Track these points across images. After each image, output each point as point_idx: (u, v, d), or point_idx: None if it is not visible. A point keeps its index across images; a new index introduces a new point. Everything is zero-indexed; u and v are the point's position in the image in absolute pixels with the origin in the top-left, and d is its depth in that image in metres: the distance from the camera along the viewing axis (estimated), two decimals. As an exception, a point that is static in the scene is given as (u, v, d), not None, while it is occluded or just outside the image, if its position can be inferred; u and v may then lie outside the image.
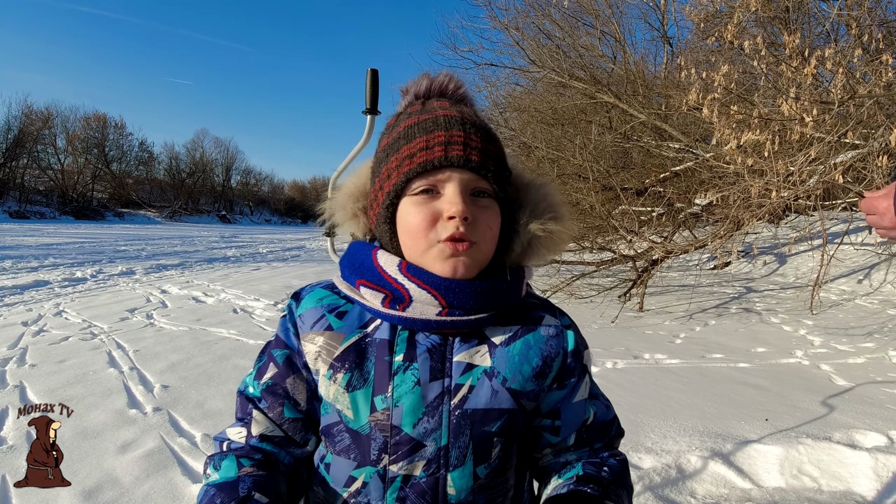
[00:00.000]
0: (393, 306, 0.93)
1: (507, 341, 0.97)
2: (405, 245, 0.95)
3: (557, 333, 1.02)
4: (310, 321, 0.99)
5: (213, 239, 26.91)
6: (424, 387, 0.92)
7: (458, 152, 0.91)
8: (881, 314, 7.18)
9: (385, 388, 0.93)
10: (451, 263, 0.90)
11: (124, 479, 2.81)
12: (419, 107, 1.00)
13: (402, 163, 0.92)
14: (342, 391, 0.94)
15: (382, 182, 0.96)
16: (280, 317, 1.06)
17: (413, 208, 0.92)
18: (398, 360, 0.93)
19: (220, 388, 4.19)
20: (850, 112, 5.24)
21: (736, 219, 6.25)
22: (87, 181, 59.77)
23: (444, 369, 0.94)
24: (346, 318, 0.98)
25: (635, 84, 11.68)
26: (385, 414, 0.92)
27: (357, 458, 0.94)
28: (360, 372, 0.94)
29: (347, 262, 1.00)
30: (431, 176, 0.91)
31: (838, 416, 3.79)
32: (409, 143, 0.93)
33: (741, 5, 6.04)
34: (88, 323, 6.32)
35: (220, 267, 13.37)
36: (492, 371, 0.95)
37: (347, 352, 0.95)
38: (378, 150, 1.02)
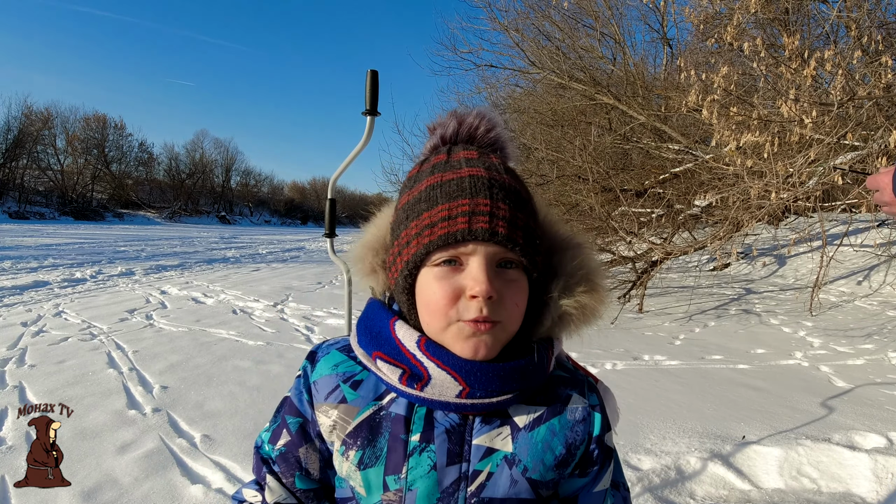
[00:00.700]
0: (411, 384, 0.86)
1: (531, 425, 0.90)
2: (424, 320, 0.88)
3: (584, 417, 0.95)
4: (324, 391, 0.93)
5: (212, 240, 26.91)
6: (441, 471, 0.86)
7: (482, 225, 0.82)
8: (881, 316, 7.19)
9: (399, 468, 0.87)
10: (472, 344, 0.83)
11: (123, 480, 2.81)
12: (444, 157, 0.92)
13: (423, 231, 0.84)
14: (354, 469, 0.89)
15: (402, 248, 0.88)
16: (295, 377, 1.01)
17: (434, 282, 0.84)
18: (414, 441, 0.87)
19: (219, 389, 4.18)
20: (850, 114, 5.24)
21: (735, 220, 6.25)
22: (87, 182, 59.78)
23: (461, 453, 0.87)
24: (361, 388, 0.92)
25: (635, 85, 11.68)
26: (397, 496, 0.86)
27: None
28: (373, 449, 0.88)
29: (364, 328, 0.93)
30: (454, 248, 0.83)
31: (837, 417, 3.79)
32: (430, 209, 0.85)
33: (741, 7, 6.04)
34: (88, 323, 6.31)
35: (220, 268, 13.37)
36: (513, 458, 0.88)
37: (360, 427, 0.89)
38: (398, 207, 0.92)
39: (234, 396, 4.06)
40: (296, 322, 6.84)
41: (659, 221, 9.90)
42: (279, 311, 7.60)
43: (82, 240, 21.31)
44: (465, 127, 0.95)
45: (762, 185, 5.49)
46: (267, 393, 4.15)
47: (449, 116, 0.96)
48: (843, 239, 7.86)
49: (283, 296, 8.91)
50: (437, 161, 0.91)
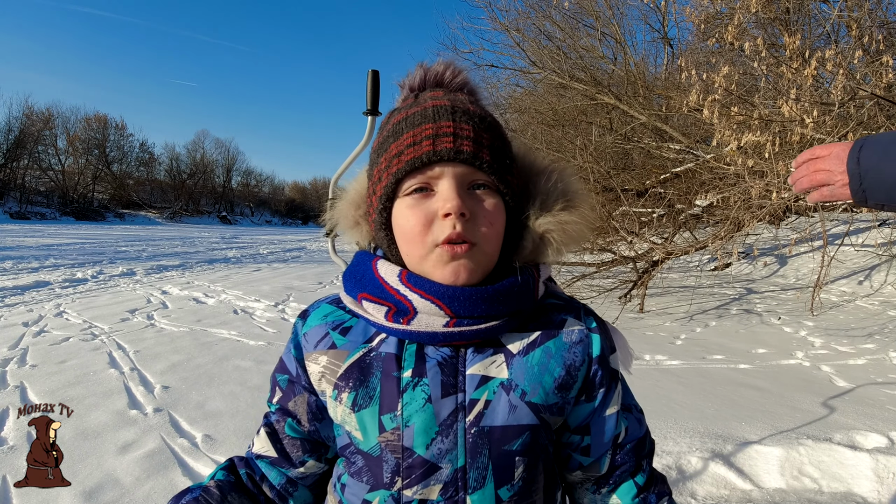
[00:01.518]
0: (397, 319, 0.86)
1: (526, 350, 0.89)
2: (403, 252, 0.88)
3: (582, 339, 0.93)
4: (313, 340, 0.94)
5: (213, 240, 26.92)
6: (436, 404, 0.85)
7: (447, 144, 0.82)
8: (882, 315, 7.18)
9: (394, 406, 0.86)
10: (451, 269, 0.83)
11: (125, 480, 2.81)
12: (411, 100, 0.92)
13: (391, 162, 0.85)
14: (348, 411, 0.88)
15: (374, 185, 0.89)
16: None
17: (406, 210, 0.85)
18: (406, 376, 0.86)
19: (220, 389, 4.19)
20: (851, 113, 5.24)
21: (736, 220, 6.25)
22: (88, 182, 59.81)
23: (456, 384, 0.86)
24: (350, 333, 0.91)
25: (636, 85, 11.68)
26: (395, 434, 0.85)
27: (370, 480, 0.88)
28: (366, 389, 0.87)
29: (350, 274, 0.94)
30: (421, 173, 0.83)
31: (839, 417, 3.78)
32: (397, 140, 0.86)
33: (741, 7, 6.04)
34: (89, 324, 6.32)
35: (221, 268, 13.39)
36: (509, 383, 0.87)
37: (351, 369, 0.89)
38: (371, 153, 0.95)
39: (235, 396, 4.06)
40: (297, 322, 6.83)
41: (660, 221, 9.90)
42: (280, 310, 7.60)
43: (83, 240, 21.33)
44: (430, 74, 0.96)
45: (763, 184, 5.49)
46: (268, 393, 4.15)
47: (416, 68, 0.97)
48: (844, 239, 7.85)
49: (285, 296, 8.92)
50: (404, 105, 0.93)
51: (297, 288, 9.94)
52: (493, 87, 14.51)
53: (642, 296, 8.13)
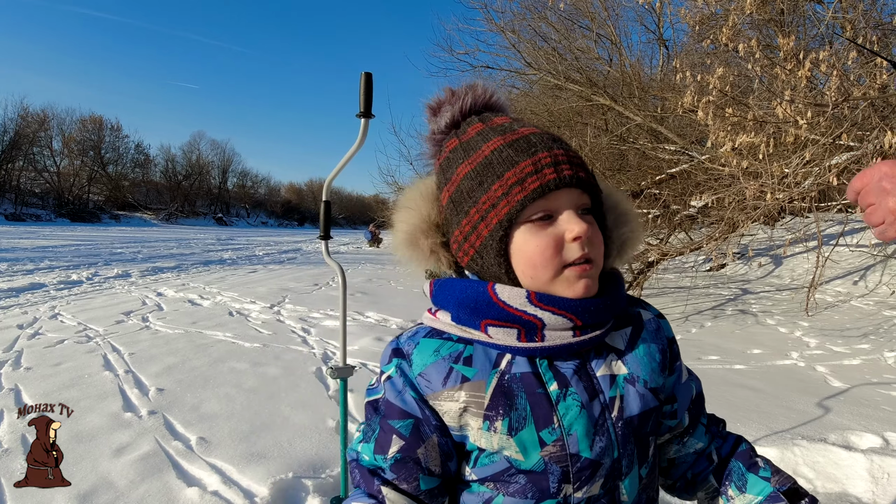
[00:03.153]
0: (530, 338, 0.90)
1: (629, 345, 0.99)
2: (525, 274, 0.90)
3: (658, 325, 1.06)
4: (438, 378, 0.92)
5: (209, 241, 26.90)
6: (588, 408, 0.91)
7: (567, 172, 0.88)
8: (877, 315, 7.20)
9: (550, 420, 0.89)
10: (582, 285, 0.89)
11: (119, 483, 2.80)
12: (481, 126, 0.96)
13: (511, 190, 0.87)
14: (505, 437, 0.89)
15: (483, 213, 0.90)
16: (383, 379, 0.97)
17: (532, 236, 0.88)
18: (554, 390, 0.91)
19: (215, 392, 4.18)
20: (845, 114, 5.25)
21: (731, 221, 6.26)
22: (83, 183, 59.82)
23: (594, 387, 0.93)
24: (475, 362, 0.92)
25: (631, 86, 11.69)
26: (557, 445, 0.89)
27: (535, 494, 0.91)
28: (517, 412, 0.89)
29: (459, 303, 0.93)
30: (545, 200, 0.88)
31: (834, 417, 3.79)
32: (513, 167, 0.88)
33: (736, 8, 6.05)
34: (84, 326, 6.31)
35: (217, 269, 13.37)
36: (631, 377, 0.96)
37: (496, 397, 0.90)
38: (458, 179, 0.94)
39: (230, 398, 4.05)
40: (292, 324, 6.83)
41: (655, 222, 9.92)
42: (276, 312, 7.59)
43: (78, 242, 21.30)
44: (479, 95, 1.00)
45: (757, 185, 5.50)
46: (263, 395, 4.14)
47: (460, 92, 1.00)
48: (839, 239, 7.87)
49: (280, 297, 8.91)
50: (479, 129, 0.95)
51: (293, 289, 9.93)
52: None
53: (638, 296, 8.13)
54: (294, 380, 4.53)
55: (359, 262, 16.95)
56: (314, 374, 4.67)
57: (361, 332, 6.32)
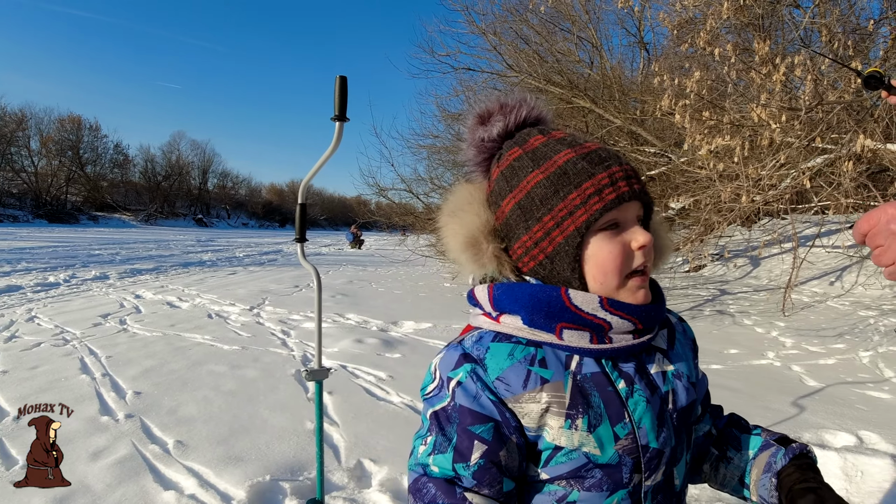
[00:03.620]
0: (601, 341, 0.97)
1: (669, 345, 1.08)
2: (595, 279, 0.97)
3: (684, 329, 1.17)
4: (517, 382, 0.94)
5: (188, 243, 26.69)
6: (652, 402, 0.99)
7: (636, 186, 0.96)
8: (852, 316, 7.29)
9: (621, 415, 0.96)
10: (642, 294, 0.98)
11: (96, 487, 2.78)
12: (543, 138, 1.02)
13: (589, 199, 0.93)
14: (586, 434, 0.94)
15: (559, 220, 0.95)
16: (452, 385, 0.96)
17: (605, 244, 0.95)
18: (623, 388, 0.98)
19: (193, 395, 4.15)
20: (820, 118, 5.33)
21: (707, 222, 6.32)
22: (62, 184, 59.12)
23: (653, 383, 1.01)
24: (549, 364, 0.96)
25: (611, 89, 11.78)
26: (629, 438, 0.96)
27: (609, 486, 0.96)
28: (593, 410, 0.95)
29: (532, 307, 0.97)
30: (617, 210, 0.95)
31: (808, 416, 3.84)
32: (591, 178, 0.94)
33: (714, 13, 6.11)
34: (61, 329, 6.24)
35: (196, 271, 13.27)
36: (678, 373, 1.05)
37: (574, 396, 0.94)
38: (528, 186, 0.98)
39: (208, 401, 4.03)
40: (272, 326, 6.80)
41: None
42: (255, 314, 7.55)
43: (56, 243, 21.04)
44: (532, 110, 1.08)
45: (733, 188, 5.56)
46: (242, 398, 4.12)
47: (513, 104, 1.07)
48: (816, 240, 7.98)
49: (260, 299, 8.87)
50: (542, 140, 1.02)
51: (274, 291, 9.88)
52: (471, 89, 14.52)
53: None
54: (273, 382, 4.51)
55: (340, 264, 16.90)
56: (293, 377, 4.66)
57: (341, 334, 6.30)
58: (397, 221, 16.36)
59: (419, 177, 16.05)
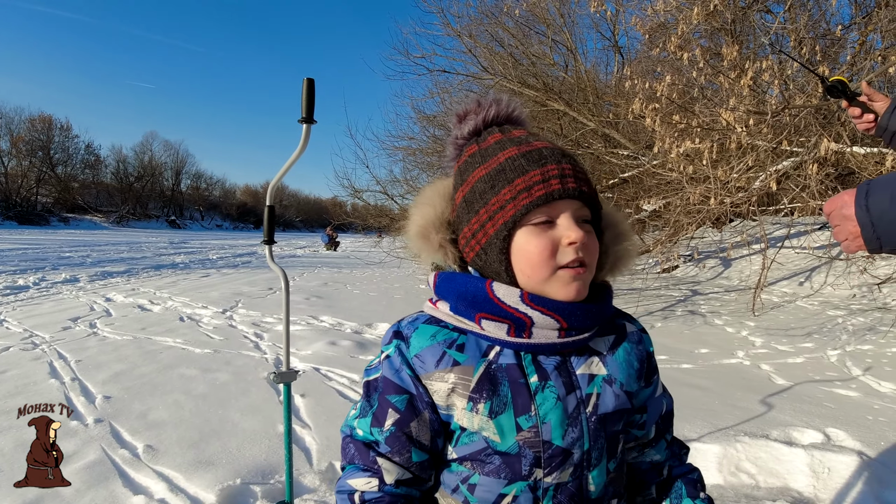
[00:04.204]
0: (518, 334, 0.98)
1: (611, 350, 1.08)
2: (524, 273, 0.99)
3: (640, 339, 1.15)
4: (431, 360, 1.01)
5: (161, 245, 26.41)
6: (564, 401, 0.99)
7: (571, 185, 0.97)
8: (821, 315, 7.42)
9: (528, 408, 0.98)
10: (573, 288, 0.97)
11: (64, 492, 2.74)
12: (500, 136, 1.05)
13: (519, 195, 0.96)
14: (486, 419, 0.97)
15: (492, 213, 0.99)
16: (382, 358, 1.06)
17: (533, 238, 0.97)
18: (534, 381, 0.99)
19: (164, 399, 4.11)
20: (787, 121, 5.41)
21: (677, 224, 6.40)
22: (32, 185, 58.20)
23: (572, 383, 1.01)
24: (466, 350, 1.01)
25: (586, 92, 11.87)
26: (532, 432, 0.97)
27: (508, 475, 0.99)
28: (499, 398, 0.98)
29: (458, 295, 1.02)
30: (548, 207, 0.97)
31: (776, 414, 3.90)
32: (522, 175, 0.97)
33: (685, 17, 6.19)
34: (30, 332, 6.14)
35: (169, 274, 13.13)
36: (609, 378, 1.05)
37: (481, 381, 0.98)
38: (473, 181, 1.03)
39: (179, 405, 3.99)
40: (245, 329, 6.75)
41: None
42: (228, 317, 7.49)
43: (26, 245, 20.71)
44: (502, 108, 1.10)
45: (702, 190, 5.63)
46: (213, 401, 4.09)
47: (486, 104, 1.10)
48: (785, 241, 8.10)
49: (233, 302, 8.80)
50: (497, 139, 1.05)
51: (247, 294, 9.80)
52: (446, 91, 14.56)
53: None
54: (245, 385, 4.48)
55: (315, 266, 16.82)
56: (265, 380, 4.63)
57: (315, 336, 6.28)
58: (373, 223, 16.38)
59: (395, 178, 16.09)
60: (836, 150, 4.88)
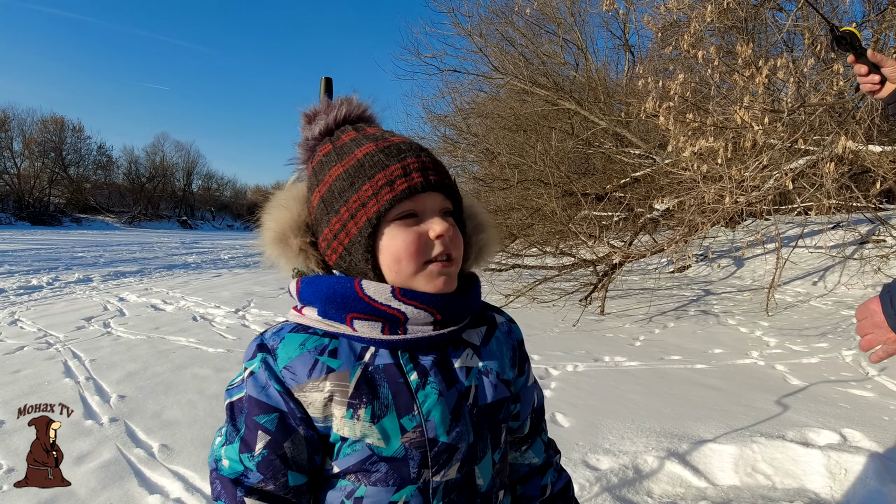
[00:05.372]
0: (393, 331, 0.96)
1: (484, 341, 1.08)
2: (391, 269, 0.96)
3: (509, 328, 1.17)
4: (303, 371, 0.95)
5: (173, 245, 26.50)
6: (446, 395, 0.98)
7: (433, 177, 0.97)
8: (835, 315, 7.36)
9: (410, 407, 0.96)
10: (442, 280, 0.96)
11: (80, 491, 2.76)
12: (354, 133, 1.03)
13: (380, 191, 0.94)
14: (368, 424, 0.94)
15: (353, 211, 0.96)
16: (245, 376, 0.98)
17: (399, 233, 0.95)
18: (414, 379, 0.97)
19: (178, 398, 4.13)
20: (802, 119, 5.37)
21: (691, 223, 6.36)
22: (44, 186, 58.53)
23: (452, 377, 1.00)
24: (340, 354, 0.96)
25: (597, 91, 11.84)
26: (417, 431, 0.95)
27: (396, 481, 0.96)
28: (379, 401, 0.95)
29: (326, 298, 0.97)
30: (411, 201, 0.95)
31: (792, 414, 3.87)
32: (384, 169, 0.95)
33: (697, 16, 6.15)
34: (44, 332, 6.19)
35: (180, 274, 13.19)
36: (486, 369, 1.05)
37: (359, 386, 0.94)
38: (330, 180, 0.99)
39: (192, 405, 4.01)
40: (257, 328, 6.77)
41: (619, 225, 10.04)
42: (240, 317, 7.52)
43: (39, 246, 20.83)
44: (355, 109, 1.08)
45: (717, 189, 5.60)
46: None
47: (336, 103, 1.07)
48: (799, 241, 8.05)
49: (245, 302, 8.83)
50: (352, 136, 1.02)
51: (259, 294, 9.83)
52: (457, 91, 14.59)
53: (602, 298, 8.22)
54: (259, 385, 4.49)
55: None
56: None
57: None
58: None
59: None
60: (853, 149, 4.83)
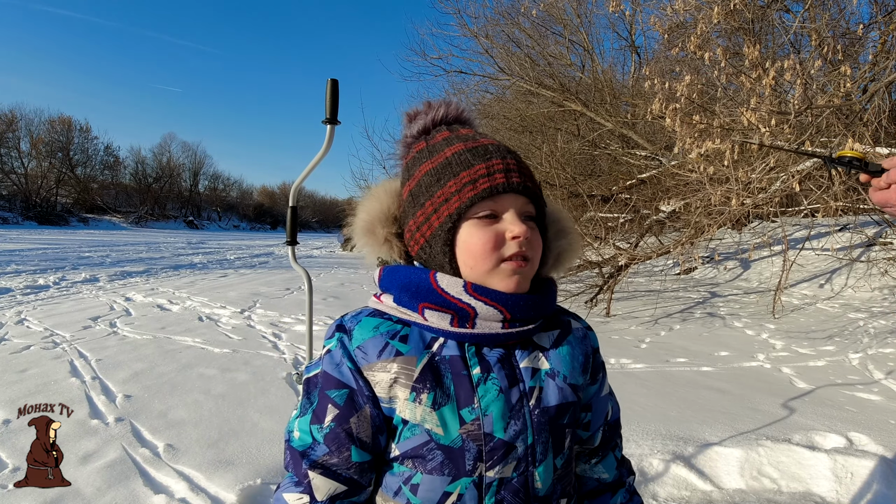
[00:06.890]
0: (462, 324, 0.99)
1: (555, 344, 1.08)
2: (467, 265, 1.00)
3: (585, 335, 1.16)
4: (374, 351, 1.00)
5: (179, 245, 26.58)
6: (507, 393, 0.99)
7: (516, 179, 0.99)
8: (842, 318, 7.34)
9: (470, 400, 0.98)
10: (514, 280, 0.98)
11: (85, 490, 2.76)
12: (448, 133, 1.07)
13: (464, 188, 0.98)
14: (429, 410, 0.97)
15: (437, 206, 1.01)
16: (323, 353, 1.04)
17: (477, 231, 0.98)
18: (476, 373, 0.99)
19: (183, 398, 4.14)
20: (809, 121, 5.36)
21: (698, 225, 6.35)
22: (52, 186, 58.75)
23: (516, 376, 1.01)
24: (410, 341, 1.01)
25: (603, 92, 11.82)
26: (475, 424, 0.97)
27: (451, 472, 0.98)
28: (442, 389, 0.97)
29: (402, 286, 1.02)
30: (492, 201, 0.99)
31: (798, 418, 3.86)
32: (469, 168, 0.99)
33: (704, 17, 6.14)
34: (51, 331, 6.20)
35: (187, 274, 13.21)
36: (552, 372, 1.05)
37: (424, 372, 0.98)
38: (419, 175, 1.05)
39: (198, 405, 4.01)
40: (263, 329, 6.78)
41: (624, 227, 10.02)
42: (246, 317, 7.53)
43: (46, 245, 20.90)
44: (452, 110, 1.12)
45: (723, 191, 5.58)
46: (232, 401, 4.11)
47: (435, 105, 1.12)
48: (805, 243, 8.02)
49: (251, 302, 8.84)
50: (445, 136, 1.07)
51: (264, 294, 9.85)
52: (463, 92, 14.57)
53: (608, 300, 8.21)
54: (264, 385, 4.50)
55: (331, 267, 16.88)
56: (284, 380, 4.65)
57: (333, 336, 6.28)
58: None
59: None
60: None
